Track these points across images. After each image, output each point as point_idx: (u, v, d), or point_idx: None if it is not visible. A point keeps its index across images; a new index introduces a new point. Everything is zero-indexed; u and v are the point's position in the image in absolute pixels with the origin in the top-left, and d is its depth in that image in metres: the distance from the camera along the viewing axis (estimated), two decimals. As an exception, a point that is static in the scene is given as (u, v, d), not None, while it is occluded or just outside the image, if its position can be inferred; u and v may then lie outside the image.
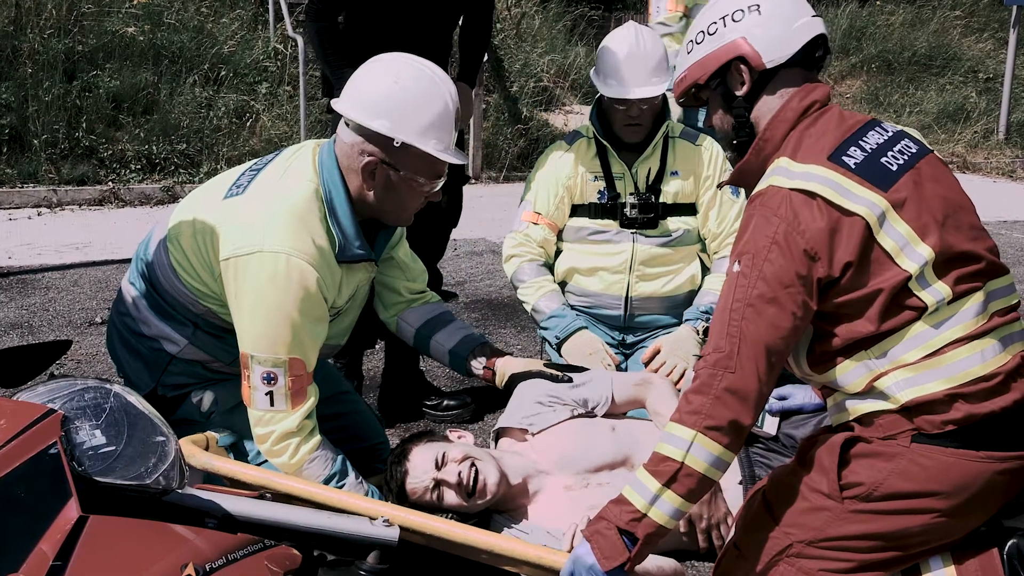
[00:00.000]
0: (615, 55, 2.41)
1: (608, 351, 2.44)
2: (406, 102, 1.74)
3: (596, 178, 2.49)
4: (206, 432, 1.88)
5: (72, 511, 1.16)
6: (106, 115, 6.35)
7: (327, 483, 1.81)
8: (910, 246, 1.41)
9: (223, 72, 6.95)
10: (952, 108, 9.09)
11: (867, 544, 1.43)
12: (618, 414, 2.10)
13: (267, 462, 1.92)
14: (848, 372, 1.45)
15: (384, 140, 1.76)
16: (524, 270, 2.53)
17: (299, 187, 1.81)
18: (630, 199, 2.47)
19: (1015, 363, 1.42)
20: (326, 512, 1.62)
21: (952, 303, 1.41)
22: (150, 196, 6.11)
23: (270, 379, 1.75)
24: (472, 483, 1.79)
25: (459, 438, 1.98)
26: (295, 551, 1.40)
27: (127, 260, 2.08)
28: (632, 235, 2.50)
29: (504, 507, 1.90)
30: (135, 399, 1.34)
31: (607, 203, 2.49)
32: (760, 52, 1.50)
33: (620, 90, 2.39)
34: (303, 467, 1.81)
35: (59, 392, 1.29)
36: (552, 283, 2.53)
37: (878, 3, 9.88)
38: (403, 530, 1.59)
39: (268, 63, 7.27)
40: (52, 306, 3.80)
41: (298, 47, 6.68)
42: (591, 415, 2.04)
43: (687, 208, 2.53)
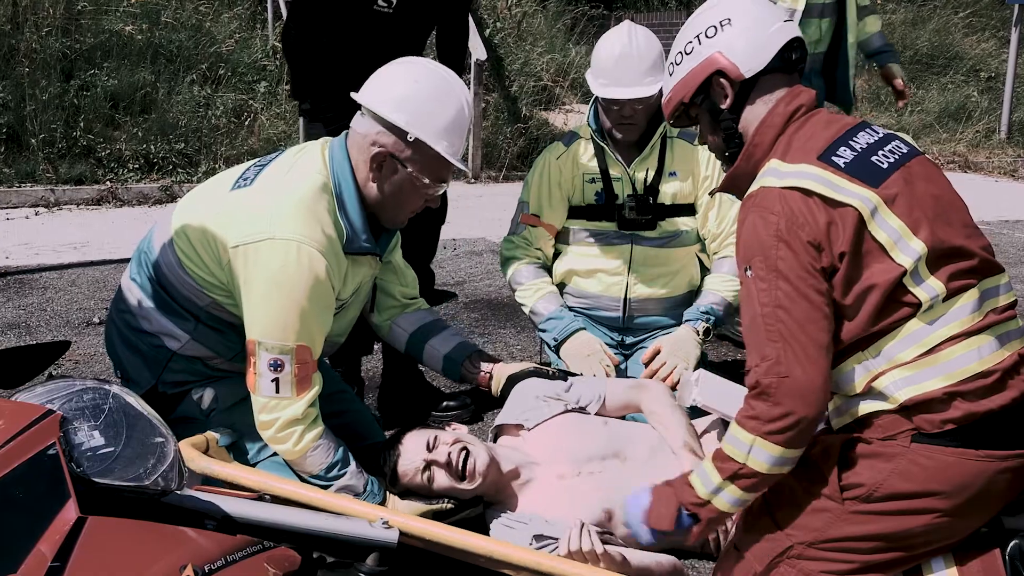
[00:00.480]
0: (609, 54, 2.40)
1: (607, 351, 2.44)
2: (425, 102, 1.80)
3: (593, 180, 2.48)
4: (206, 433, 1.87)
5: (70, 512, 1.15)
6: (104, 114, 6.34)
7: (329, 471, 1.82)
8: (903, 240, 1.42)
9: (221, 71, 6.94)
10: (954, 107, 9.09)
11: (868, 545, 1.43)
12: (612, 416, 2.12)
13: (267, 460, 1.92)
14: (846, 373, 1.46)
15: (398, 133, 1.80)
16: (522, 272, 2.53)
17: (308, 179, 1.84)
18: (628, 201, 2.46)
19: (1013, 360, 1.42)
20: (325, 514, 1.62)
21: (947, 300, 1.42)
22: (148, 196, 6.10)
23: (277, 366, 1.76)
24: (462, 465, 1.82)
25: (453, 430, 2.00)
26: (294, 553, 1.40)
27: (125, 260, 2.07)
28: (630, 236, 2.49)
29: (498, 498, 1.91)
30: (134, 400, 1.34)
31: (605, 204, 2.48)
32: (737, 63, 1.54)
33: (613, 90, 2.38)
34: (307, 454, 1.82)
35: (58, 393, 1.29)
36: (550, 285, 2.53)
37: (879, 2, 9.89)
38: (402, 534, 1.59)
39: (266, 62, 7.26)
40: (50, 306, 3.79)
41: (296, 46, 6.67)
42: (584, 411, 2.07)
43: (686, 208, 2.52)
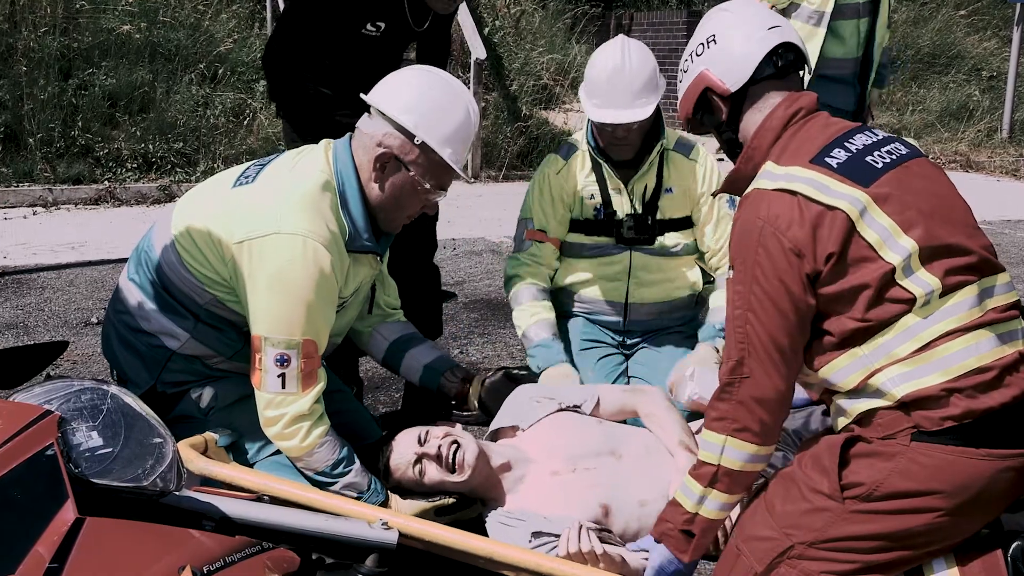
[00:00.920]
0: (600, 74, 2.34)
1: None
2: (434, 108, 1.84)
3: (592, 196, 2.47)
4: (204, 433, 1.86)
5: (69, 513, 1.15)
6: (102, 113, 6.34)
7: (335, 468, 1.82)
8: (892, 238, 1.44)
9: (220, 70, 6.93)
10: (955, 106, 9.10)
11: (869, 544, 1.43)
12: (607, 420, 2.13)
13: (267, 460, 1.91)
14: (842, 368, 1.47)
15: (405, 135, 1.83)
16: (523, 292, 2.50)
17: (312, 176, 1.85)
18: (627, 220, 2.46)
19: (1013, 358, 1.42)
20: (324, 515, 1.62)
21: (944, 296, 1.43)
22: (146, 195, 6.09)
23: (283, 361, 1.76)
24: (452, 457, 1.85)
25: (446, 427, 2.01)
26: (293, 554, 1.40)
27: (123, 260, 2.07)
28: (629, 248, 2.49)
29: (492, 494, 1.92)
30: (132, 400, 1.33)
31: (604, 220, 2.48)
32: (721, 79, 1.61)
33: (604, 113, 2.34)
34: (313, 451, 1.81)
35: (56, 393, 1.29)
36: (548, 311, 2.49)
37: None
38: (401, 536, 1.59)
39: (265, 61, 7.25)
40: (48, 306, 3.79)
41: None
42: (578, 410, 2.08)
43: (684, 222, 2.51)
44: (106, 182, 6.09)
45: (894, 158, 1.51)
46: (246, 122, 6.74)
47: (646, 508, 1.84)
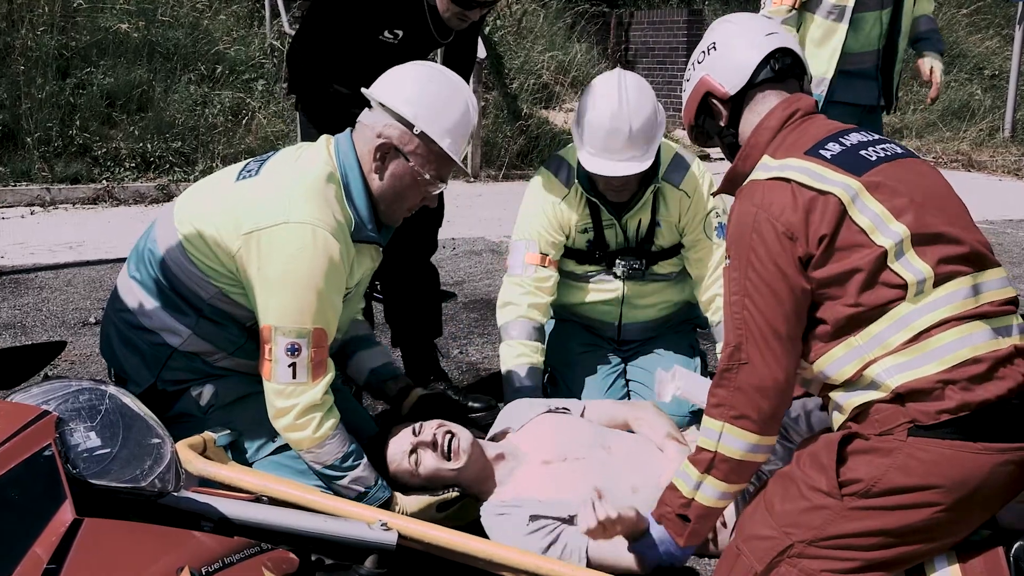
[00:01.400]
0: (595, 121, 2.23)
1: None
2: (433, 100, 1.86)
3: (585, 229, 2.43)
4: (203, 433, 1.86)
5: (66, 514, 1.15)
6: (100, 113, 6.32)
7: (344, 460, 1.81)
8: (884, 224, 1.46)
9: (219, 69, 6.92)
10: (957, 105, 9.10)
11: (868, 541, 1.43)
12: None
13: (266, 459, 1.90)
14: (838, 359, 1.47)
15: (404, 125, 1.85)
16: (515, 327, 2.37)
17: (316, 168, 1.87)
18: (621, 258, 2.43)
19: (1008, 351, 1.42)
20: (323, 515, 1.62)
21: (937, 286, 1.44)
22: (145, 195, 6.08)
23: (294, 350, 1.76)
24: (447, 444, 1.88)
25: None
26: (292, 555, 1.40)
27: (121, 259, 2.06)
28: (623, 280, 2.47)
29: (486, 487, 1.94)
30: (130, 400, 1.33)
31: (596, 254, 2.46)
32: (721, 83, 1.67)
33: (599, 164, 2.24)
34: (324, 442, 1.80)
35: (54, 394, 1.29)
36: (534, 354, 2.36)
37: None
38: (401, 537, 1.59)
39: (264, 60, 7.25)
40: (45, 306, 3.78)
41: (294, 45, 6.66)
42: (567, 412, 2.14)
43: (676, 249, 2.48)
44: (104, 181, 6.08)
45: (888, 154, 1.55)
46: (244, 121, 6.73)
47: (638, 495, 1.86)
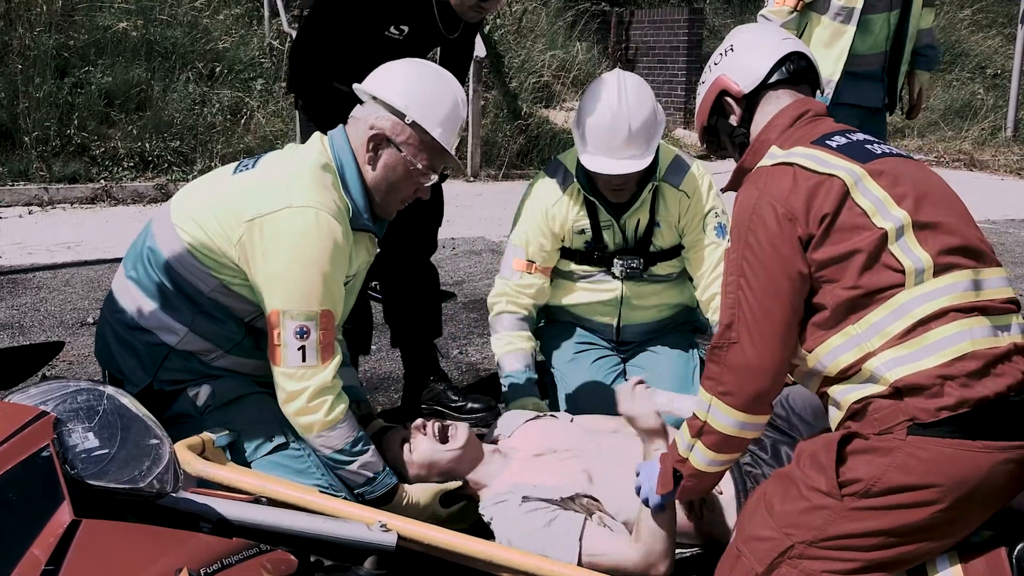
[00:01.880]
0: (595, 120, 2.26)
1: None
2: (425, 93, 1.90)
3: (583, 230, 2.43)
4: (202, 433, 1.85)
5: (64, 515, 1.14)
6: (98, 112, 6.32)
7: (354, 445, 1.83)
8: (885, 208, 1.48)
9: (217, 68, 6.91)
10: (959, 105, 9.09)
11: (869, 542, 1.42)
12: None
13: (265, 459, 1.90)
14: (836, 347, 1.48)
15: (396, 115, 1.89)
16: (503, 321, 2.47)
17: (312, 159, 1.90)
18: (618, 258, 2.43)
19: (1007, 348, 1.42)
20: (322, 516, 1.61)
21: (937, 276, 1.44)
22: (143, 194, 6.08)
23: (303, 333, 1.77)
24: (442, 429, 1.94)
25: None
26: (291, 556, 1.39)
27: (119, 259, 2.05)
28: (621, 280, 2.47)
29: (484, 484, 1.97)
30: (128, 401, 1.33)
31: (594, 253, 2.46)
32: (736, 81, 1.71)
33: (600, 163, 2.26)
34: (336, 425, 1.81)
35: (52, 394, 1.28)
36: (524, 341, 2.45)
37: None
38: (400, 538, 1.59)
39: (263, 59, 7.24)
40: (43, 306, 3.77)
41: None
42: (555, 417, 2.19)
43: (676, 250, 2.48)
44: (102, 181, 6.08)
45: (892, 151, 1.59)
46: (243, 121, 6.73)
47: (629, 483, 1.86)
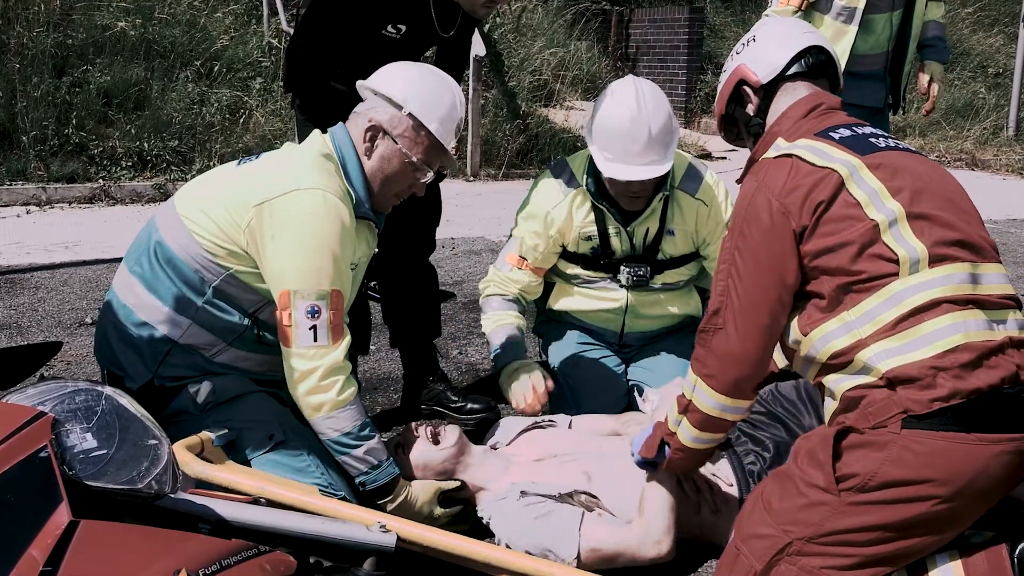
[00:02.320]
0: (614, 126, 2.23)
1: (540, 391, 2.31)
2: (425, 90, 1.95)
3: (590, 237, 2.41)
4: (201, 433, 1.85)
5: (62, 516, 1.14)
6: (96, 111, 6.31)
7: (362, 429, 1.84)
8: (879, 200, 1.50)
9: (216, 68, 6.90)
10: (961, 104, 9.08)
11: (867, 537, 1.43)
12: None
13: (264, 458, 1.90)
14: (830, 331, 1.49)
15: (394, 107, 1.93)
16: (491, 303, 2.53)
17: (315, 149, 1.95)
18: (625, 266, 2.41)
19: (1001, 342, 1.42)
20: (322, 517, 1.61)
21: (932, 267, 1.45)
22: (141, 194, 6.07)
23: (314, 312, 1.80)
24: (432, 432, 1.98)
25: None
26: (290, 557, 1.39)
27: (118, 259, 2.05)
28: (627, 288, 2.46)
29: (482, 486, 1.98)
30: (127, 401, 1.32)
31: (601, 261, 2.44)
32: (755, 71, 1.75)
33: (618, 169, 2.23)
34: (346, 406, 1.82)
35: (50, 394, 1.28)
36: (511, 317, 2.46)
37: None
38: (400, 539, 1.59)
39: (262, 58, 7.23)
40: (41, 306, 3.77)
41: (291, 43, 6.65)
42: (552, 425, 2.20)
43: (686, 258, 2.47)
44: (100, 180, 6.07)
45: (898, 146, 1.60)
46: (242, 120, 6.72)
47: (630, 482, 1.87)
